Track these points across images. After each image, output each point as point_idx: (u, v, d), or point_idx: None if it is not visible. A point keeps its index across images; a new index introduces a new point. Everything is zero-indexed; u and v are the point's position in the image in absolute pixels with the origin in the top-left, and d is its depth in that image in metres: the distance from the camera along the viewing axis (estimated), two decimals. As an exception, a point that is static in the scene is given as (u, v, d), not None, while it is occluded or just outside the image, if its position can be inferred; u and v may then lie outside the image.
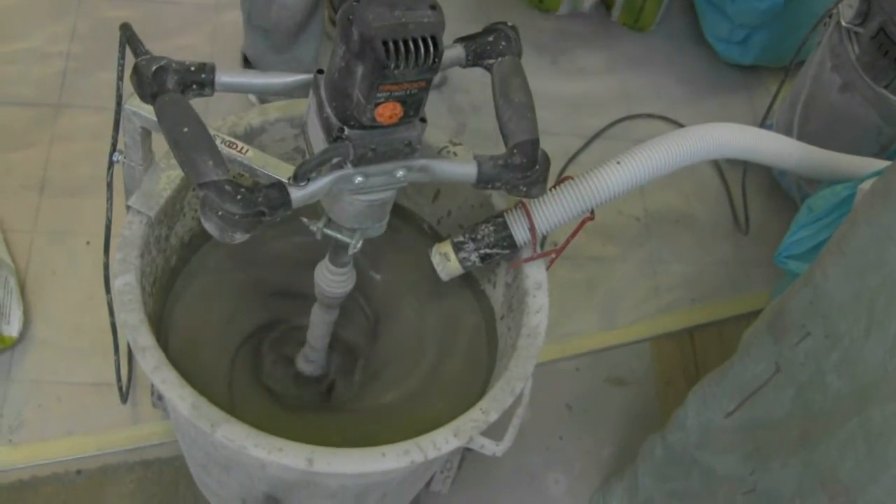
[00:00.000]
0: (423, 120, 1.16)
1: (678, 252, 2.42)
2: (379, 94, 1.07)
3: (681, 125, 2.59)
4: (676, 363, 2.24)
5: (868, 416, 1.20)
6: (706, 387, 1.58)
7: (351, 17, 1.05)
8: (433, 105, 1.17)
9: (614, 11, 2.78)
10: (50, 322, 2.09)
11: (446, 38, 1.11)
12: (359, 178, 1.17)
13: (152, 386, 1.87)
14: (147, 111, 1.34)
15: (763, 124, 2.43)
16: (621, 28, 2.81)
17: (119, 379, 1.91)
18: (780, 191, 2.49)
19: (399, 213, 1.69)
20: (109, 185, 1.51)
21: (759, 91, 2.71)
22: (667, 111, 2.63)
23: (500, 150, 1.29)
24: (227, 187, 1.10)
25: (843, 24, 2.10)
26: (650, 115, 2.62)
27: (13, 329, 2.02)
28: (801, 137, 2.25)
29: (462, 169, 1.26)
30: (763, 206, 2.50)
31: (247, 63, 2.36)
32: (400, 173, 1.19)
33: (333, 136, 1.14)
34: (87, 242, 2.19)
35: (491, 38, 1.32)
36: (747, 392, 1.47)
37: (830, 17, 2.16)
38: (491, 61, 1.32)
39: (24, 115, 2.38)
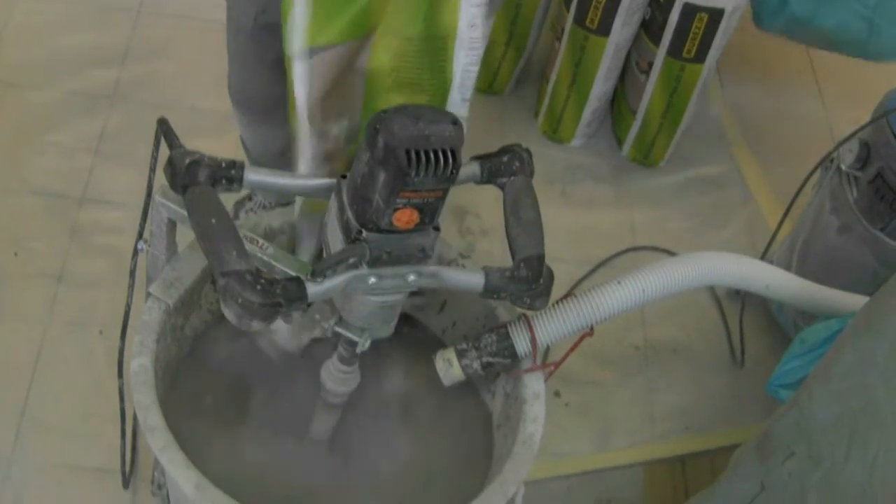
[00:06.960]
0: (437, 228, 1.23)
1: (674, 382, 2.45)
2: (398, 200, 1.14)
3: (682, 258, 2.64)
4: (667, 489, 2.26)
5: (846, 536, 1.24)
6: (694, 506, 1.62)
7: (378, 126, 1.13)
8: (444, 228, 1.26)
9: (625, 147, 2.85)
10: (58, 407, 2.12)
11: (464, 158, 1.19)
12: (372, 279, 1.23)
13: (153, 474, 1.90)
14: (176, 204, 1.41)
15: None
16: (631, 163, 2.87)
17: (123, 464, 1.94)
18: (777, 327, 2.54)
19: (405, 321, 1.74)
20: (132, 272, 1.57)
21: (761, 228, 2.76)
22: (670, 244, 2.68)
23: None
24: (248, 277, 1.16)
25: (843, 168, 2.15)
26: (654, 248, 2.67)
27: None
28: (799, 275, 2.31)
29: (470, 278, 1.33)
30: (760, 342, 2.54)
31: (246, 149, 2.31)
32: (412, 277, 1.25)
33: (352, 238, 1.20)
34: (100, 332, 2.24)
35: (505, 158, 1.39)
36: (732, 511, 1.51)
37: (832, 160, 2.21)
38: (504, 179, 1.39)
39: (49, 206, 2.46)
